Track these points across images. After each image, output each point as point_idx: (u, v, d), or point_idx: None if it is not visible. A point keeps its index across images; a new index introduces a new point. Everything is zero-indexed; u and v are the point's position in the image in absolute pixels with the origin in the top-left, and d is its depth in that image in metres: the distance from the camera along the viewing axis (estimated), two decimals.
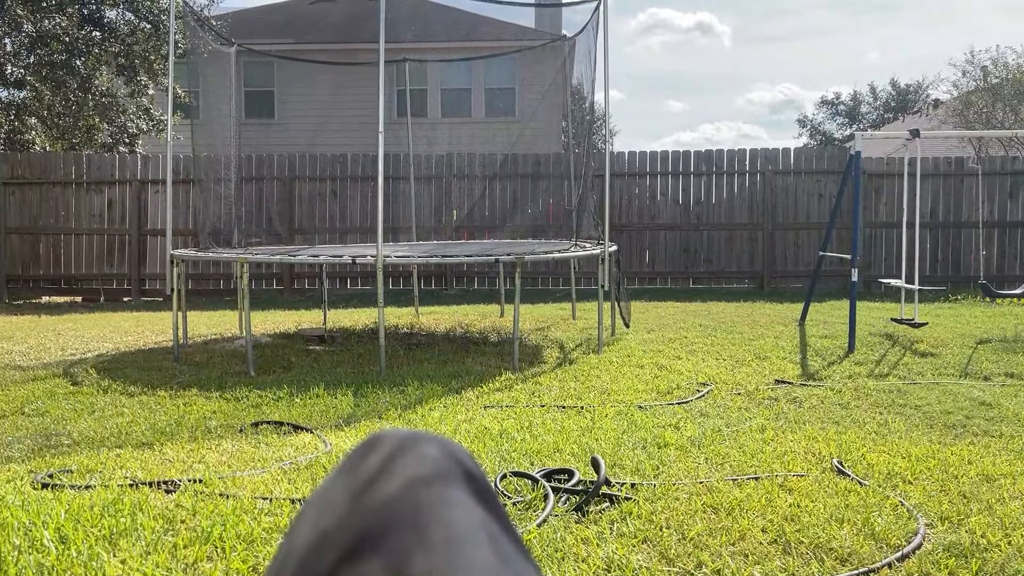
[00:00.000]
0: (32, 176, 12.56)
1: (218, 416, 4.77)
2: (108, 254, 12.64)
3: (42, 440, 4.16)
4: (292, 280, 12.76)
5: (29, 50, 13.77)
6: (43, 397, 5.24)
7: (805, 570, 2.64)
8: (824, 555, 2.74)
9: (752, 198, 12.59)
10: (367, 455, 0.57)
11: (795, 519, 3.01)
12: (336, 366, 6.50)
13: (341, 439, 4.20)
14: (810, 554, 2.75)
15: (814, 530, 2.90)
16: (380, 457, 0.56)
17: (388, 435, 0.59)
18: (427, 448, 0.57)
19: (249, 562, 2.41)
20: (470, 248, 8.64)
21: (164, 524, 2.67)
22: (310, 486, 3.28)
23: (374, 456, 0.56)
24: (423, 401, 5.12)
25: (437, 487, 0.52)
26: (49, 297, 12.62)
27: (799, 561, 2.70)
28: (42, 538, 2.37)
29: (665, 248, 12.67)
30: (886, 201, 12.29)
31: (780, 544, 2.82)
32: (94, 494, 2.95)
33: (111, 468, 3.52)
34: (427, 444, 0.57)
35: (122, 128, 14.72)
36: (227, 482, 3.32)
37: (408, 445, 0.57)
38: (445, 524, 0.49)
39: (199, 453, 3.87)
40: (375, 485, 0.53)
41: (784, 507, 3.13)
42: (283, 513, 2.90)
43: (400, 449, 0.56)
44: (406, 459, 0.55)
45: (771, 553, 2.75)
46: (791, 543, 2.81)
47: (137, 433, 4.35)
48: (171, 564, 2.34)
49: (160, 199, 12.43)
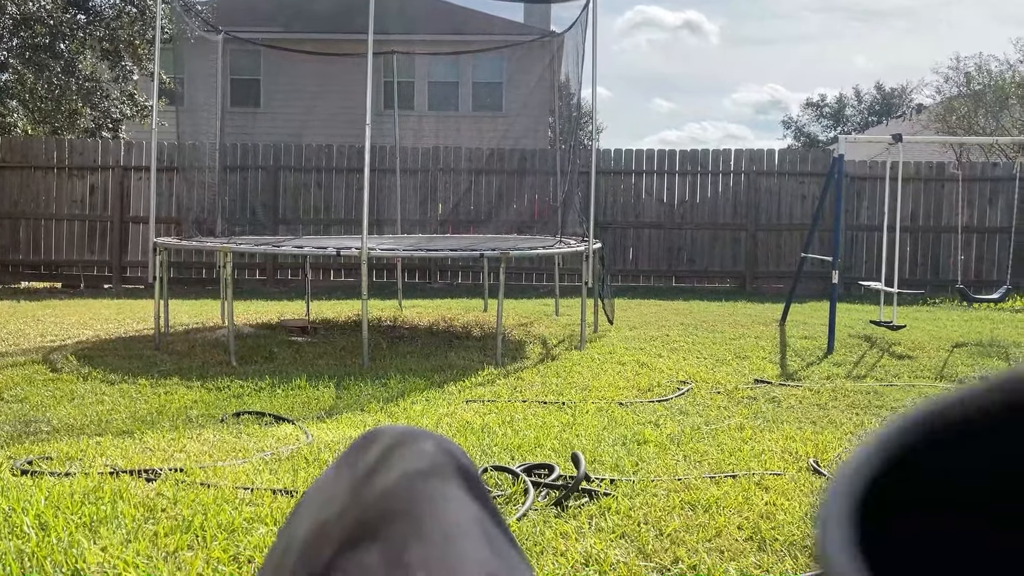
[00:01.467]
0: (13, 160, 12.43)
1: (199, 405, 4.77)
2: (89, 240, 12.54)
3: (21, 426, 4.14)
4: (275, 271, 12.71)
5: (12, 33, 13.62)
6: (22, 383, 5.21)
7: (779, 567, 2.68)
8: (798, 552, 2.79)
9: (736, 198, 12.66)
10: (365, 449, 0.59)
11: (771, 517, 3.05)
12: (318, 358, 6.49)
13: (322, 431, 4.21)
14: (784, 551, 2.80)
15: (789, 528, 2.94)
16: (378, 451, 0.58)
17: (386, 430, 0.61)
18: (424, 444, 0.59)
19: (230, 551, 2.42)
20: (455, 242, 8.65)
21: (145, 512, 2.67)
22: (291, 477, 3.30)
23: (372, 450, 0.58)
24: (405, 394, 5.13)
25: (433, 481, 0.54)
26: (28, 283, 12.51)
27: (774, 558, 2.74)
28: (22, 524, 2.37)
29: (649, 246, 12.72)
30: (868, 204, 12.40)
31: (756, 541, 2.86)
32: (74, 481, 2.95)
33: (91, 456, 3.51)
34: (424, 440, 0.59)
35: (105, 113, 14.60)
36: (208, 472, 3.33)
37: (405, 440, 0.59)
38: (441, 517, 0.51)
39: (180, 442, 3.87)
40: (373, 477, 0.55)
41: (760, 505, 3.17)
42: (264, 503, 2.91)
43: (397, 443, 0.58)
44: (403, 453, 0.57)
45: (746, 550, 2.79)
46: (766, 540, 2.86)
47: (117, 421, 4.34)
48: (152, 552, 2.35)
49: (143, 186, 12.33)
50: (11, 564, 2.07)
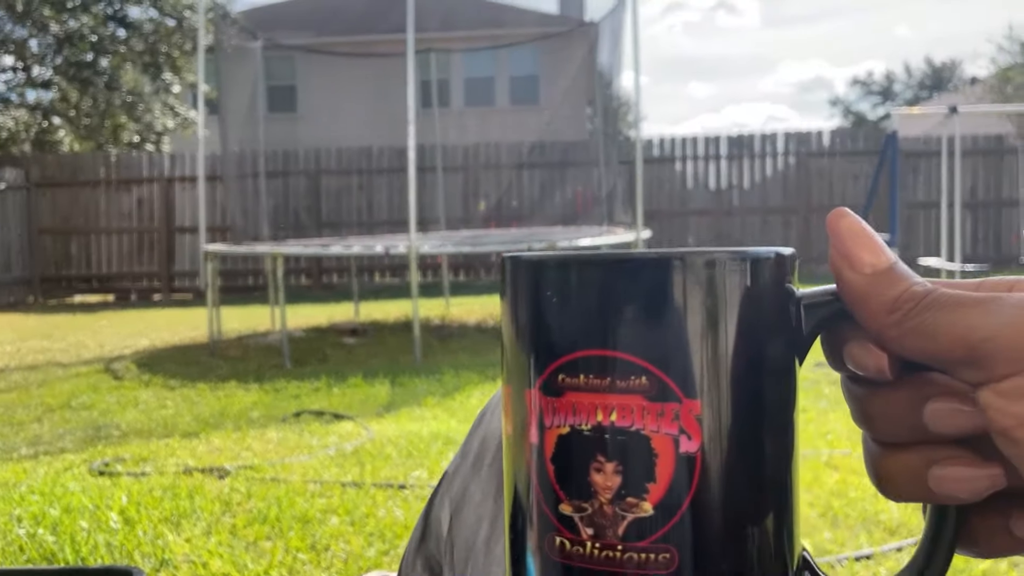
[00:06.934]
0: (62, 177, 12.71)
1: (259, 407, 4.84)
2: (138, 252, 12.78)
3: (92, 432, 4.23)
4: (320, 275, 12.84)
5: (56, 51, 13.93)
6: (88, 392, 5.33)
7: (854, 542, 2.65)
8: (872, 527, 2.75)
9: (786, 181, 12.47)
10: None
11: (842, 494, 3.02)
12: (371, 357, 6.55)
13: (383, 426, 4.24)
14: (859, 527, 2.76)
15: (861, 504, 2.91)
16: None
17: None
18: None
19: (307, 540, 2.46)
20: (501, 237, 8.66)
21: (222, 507, 2.72)
22: (358, 470, 3.33)
23: None
24: (460, 388, 5.16)
25: None
26: (81, 296, 12.79)
27: (847, 533, 2.71)
28: (108, 520, 2.43)
29: (697, 234, 12.61)
30: (924, 180, 12.12)
31: (828, 518, 2.83)
32: (151, 480, 3.01)
33: (163, 456, 3.58)
34: None
35: (148, 126, 14.87)
36: (277, 468, 3.37)
37: None
38: None
39: (245, 441, 3.93)
40: None
41: (831, 483, 3.14)
42: (335, 495, 2.95)
43: None
44: None
45: (820, 526, 2.77)
46: (839, 517, 2.83)
47: (183, 424, 4.41)
48: (232, 542, 2.39)
49: (187, 196, 12.53)
50: (103, 556, 2.13)
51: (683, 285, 0.32)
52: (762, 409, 0.34)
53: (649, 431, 0.32)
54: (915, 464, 0.33)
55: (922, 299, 0.32)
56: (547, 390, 0.33)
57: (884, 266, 0.33)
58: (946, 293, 0.32)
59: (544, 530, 0.34)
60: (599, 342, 0.33)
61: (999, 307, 0.31)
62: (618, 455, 0.32)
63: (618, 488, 0.32)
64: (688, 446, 0.32)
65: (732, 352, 0.33)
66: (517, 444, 0.35)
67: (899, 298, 0.32)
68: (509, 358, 0.36)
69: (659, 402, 0.32)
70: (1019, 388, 0.30)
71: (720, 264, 0.33)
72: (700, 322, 0.32)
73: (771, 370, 0.34)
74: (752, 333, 0.34)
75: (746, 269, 0.33)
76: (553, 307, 0.34)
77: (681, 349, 0.32)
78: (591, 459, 0.33)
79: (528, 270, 0.35)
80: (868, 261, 0.33)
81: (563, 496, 0.33)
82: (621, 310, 0.32)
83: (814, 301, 0.36)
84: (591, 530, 0.33)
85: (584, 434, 0.33)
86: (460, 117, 15.83)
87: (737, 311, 0.33)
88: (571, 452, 0.33)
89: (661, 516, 0.32)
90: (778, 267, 0.34)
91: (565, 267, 0.34)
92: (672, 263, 0.33)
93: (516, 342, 0.35)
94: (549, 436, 0.34)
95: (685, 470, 0.32)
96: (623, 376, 0.32)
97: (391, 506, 2.82)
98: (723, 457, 0.33)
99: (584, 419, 0.33)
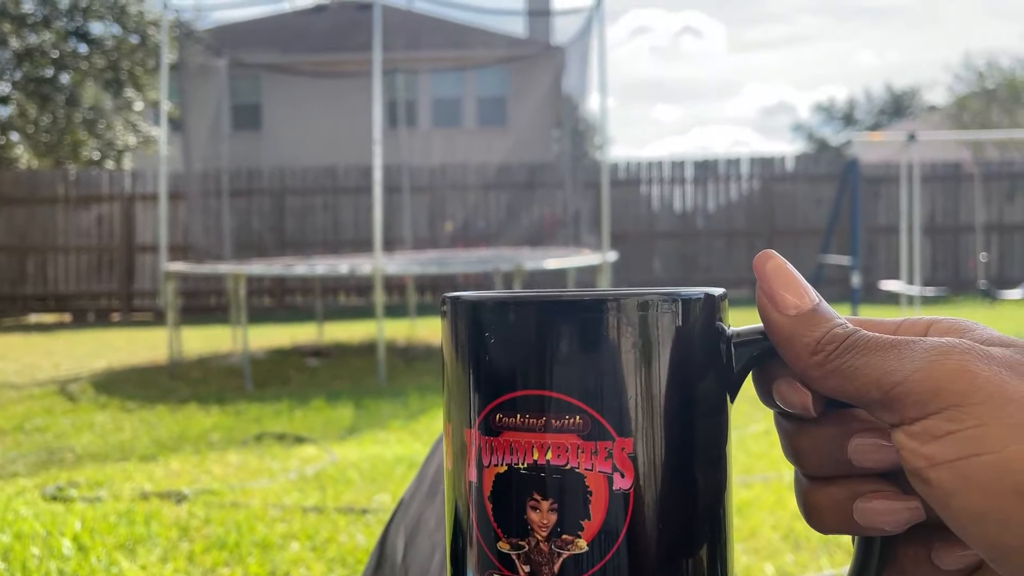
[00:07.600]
0: (19, 194, 12.47)
1: (219, 430, 4.76)
2: (96, 271, 12.56)
3: (45, 455, 4.14)
4: (283, 295, 12.73)
5: (15, 66, 13.73)
6: (41, 414, 5.21)
7: (815, 564, 2.67)
8: (834, 549, 2.77)
9: (750, 205, 12.63)
10: None
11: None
12: (334, 379, 6.49)
13: (346, 449, 4.20)
14: (820, 549, 2.78)
15: None
16: None
17: None
18: None
19: (267, 566, 2.42)
20: (467, 257, 8.66)
21: (179, 532, 2.67)
22: (320, 495, 3.29)
23: None
24: (425, 411, 5.12)
25: None
26: (37, 316, 12.53)
27: (809, 556, 2.73)
28: (60, 547, 2.37)
29: (663, 256, 12.70)
30: (884, 206, 12.35)
31: (791, 540, 2.85)
32: (106, 505, 2.95)
33: (118, 481, 3.51)
34: None
35: (109, 143, 14.68)
36: (236, 492, 3.32)
37: None
38: None
39: (204, 465, 3.87)
40: None
41: (793, 506, 3.16)
42: (296, 520, 2.91)
43: None
44: None
45: (782, 548, 2.78)
46: (800, 539, 2.84)
47: (140, 447, 4.33)
48: (189, 569, 2.34)
49: (149, 215, 12.37)
50: None
51: (616, 326, 0.33)
52: (694, 445, 0.35)
53: (584, 469, 0.33)
54: (841, 497, 0.34)
55: (843, 341, 0.33)
56: (485, 429, 0.34)
57: (807, 308, 0.34)
58: (865, 336, 0.33)
59: (483, 567, 0.34)
60: (535, 382, 0.33)
61: (911, 351, 0.32)
62: (554, 493, 0.33)
63: (553, 526, 0.33)
64: (621, 483, 0.33)
65: (664, 391, 0.34)
66: (457, 481, 0.35)
67: (821, 340, 0.33)
68: (449, 397, 0.36)
69: (593, 440, 0.33)
70: (928, 430, 0.31)
71: (652, 305, 0.34)
72: (633, 362, 0.33)
73: (703, 407, 0.36)
74: (684, 372, 0.34)
75: (677, 310, 0.34)
76: (491, 347, 0.34)
77: (614, 389, 0.33)
78: (527, 497, 0.33)
79: (467, 310, 0.35)
80: (792, 303, 0.34)
81: (501, 534, 0.34)
82: (556, 351, 0.33)
83: (744, 340, 0.37)
84: (528, 567, 0.33)
85: (521, 473, 0.33)
86: (427, 137, 15.84)
87: (669, 351, 0.34)
88: (509, 490, 0.34)
89: (596, 552, 0.33)
90: (708, 307, 0.36)
91: (503, 308, 0.34)
92: (606, 304, 0.33)
93: (455, 381, 0.35)
94: (487, 475, 0.34)
95: (619, 507, 0.33)
96: (558, 415, 0.33)
97: (353, 531, 2.79)
98: (656, 493, 0.33)
99: (521, 458, 0.33)
